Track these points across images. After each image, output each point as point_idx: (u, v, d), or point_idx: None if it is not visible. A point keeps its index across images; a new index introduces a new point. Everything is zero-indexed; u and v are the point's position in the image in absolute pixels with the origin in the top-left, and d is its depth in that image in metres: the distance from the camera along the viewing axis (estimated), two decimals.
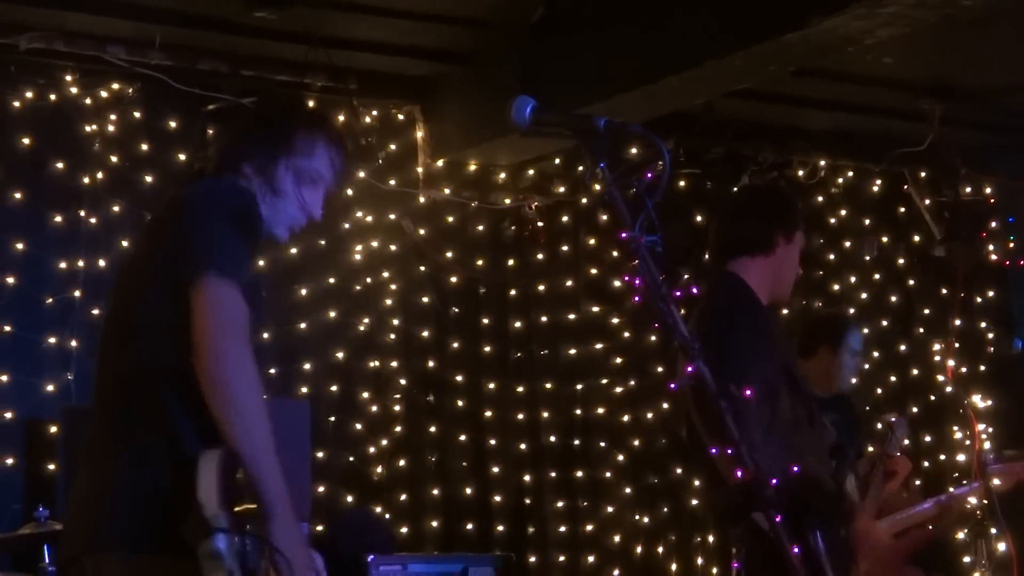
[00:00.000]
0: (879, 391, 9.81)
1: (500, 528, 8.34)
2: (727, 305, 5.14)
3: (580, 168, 8.79)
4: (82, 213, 7.38)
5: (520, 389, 8.62)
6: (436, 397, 8.35)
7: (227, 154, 3.92)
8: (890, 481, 6.30)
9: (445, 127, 8.24)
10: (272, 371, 7.64)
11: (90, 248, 7.37)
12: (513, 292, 8.68)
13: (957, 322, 9.95)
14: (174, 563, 3.29)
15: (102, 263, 7.36)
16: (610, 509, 8.74)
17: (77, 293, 7.29)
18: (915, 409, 9.94)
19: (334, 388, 7.98)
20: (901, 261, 10.12)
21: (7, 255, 7.19)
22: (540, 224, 8.73)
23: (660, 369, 8.91)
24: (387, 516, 7.94)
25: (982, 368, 10.07)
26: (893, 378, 9.85)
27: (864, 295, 9.93)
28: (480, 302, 8.63)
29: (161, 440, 3.46)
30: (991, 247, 10.08)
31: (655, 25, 6.88)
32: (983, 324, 10.15)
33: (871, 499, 6.15)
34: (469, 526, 8.26)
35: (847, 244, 9.91)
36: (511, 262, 8.73)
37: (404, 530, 8.02)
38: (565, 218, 8.93)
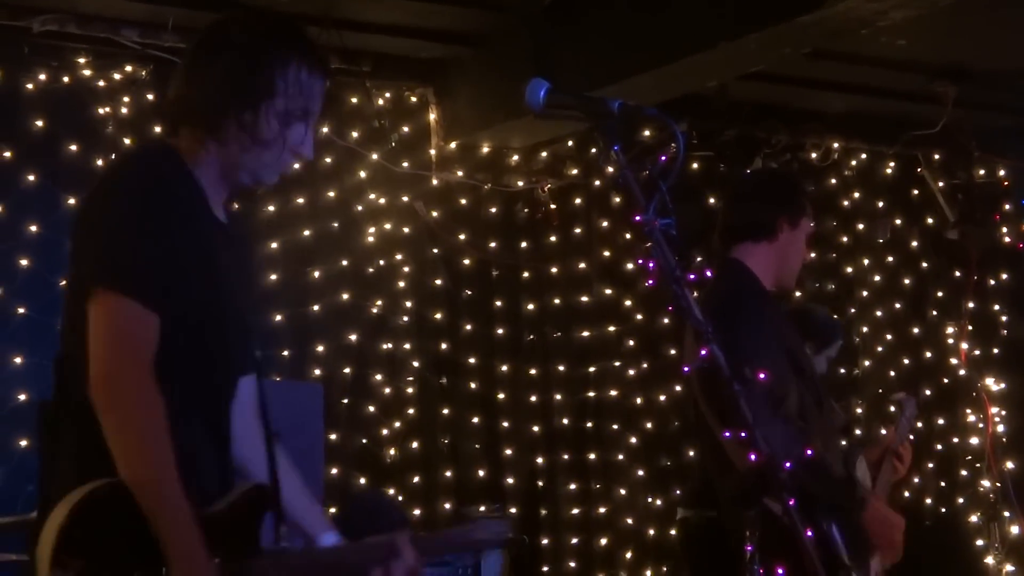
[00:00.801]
0: (892, 374, 9.81)
1: (513, 510, 8.34)
2: (730, 292, 5.14)
3: (593, 150, 8.79)
4: None
5: (533, 371, 8.62)
6: (449, 379, 8.36)
7: (199, 110, 3.39)
8: (898, 466, 6.29)
9: (458, 109, 8.23)
10: (285, 353, 7.65)
11: None
12: (526, 274, 8.68)
13: (970, 305, 9.95)
14: None
15: None
16: (623, 491, 8.75)
17: None
18: (928, 392, 9.93)
19: (347, 370, 7.98)
20: (914, 243, 10.11)
21: (21, 237, 7.18)
22: (553, 206, 8.72)
23: (673, 351, 8.92)
24: (400, 498, 7.94)
25: (995, 351, 10.06)
26: (906, 361, 9.84)
27: (877, 277, 9.92)
28: (493, 284, 8.63)
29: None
30: (1004, 229, 10.06)
31: (668, 7, 6.86)
32: (996, 307, 10.14)
33: (882, 484, 6.15)
34: (482, 508, 8.27)
35: (860, 226, 9.90)
36: (524, 244, 8.73)
37: (417, 512, 8.02)
38: (578, 200, 8.92)
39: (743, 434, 3.11)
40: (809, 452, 4.51)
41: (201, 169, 3.37)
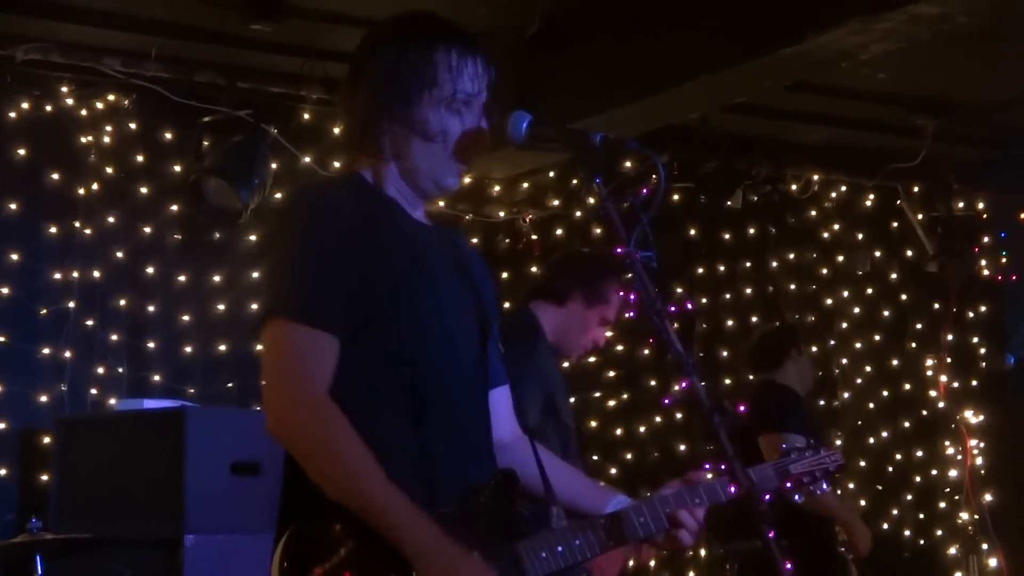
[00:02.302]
0: (871, 405, 9.83)
1: None
2: (512, 327, 5.51)
3: (574, 181, 8.81)
4: (77, 224, 7.38)
5: None
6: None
7: (361, 129, 3.29)
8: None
9: None
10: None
11: (85, 259, 7.37)
12: (507, 305, 8.68)
13: (949, 337, 9.98)
14: None
15: (97, 274, 7.37)
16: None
17: (71, 304, 7.29)
18: (907, 424, 9.96)
19: None
20: (894, 276, 10.14)
21: (2, 265, 7.18)
22: (534, 237, 8.74)
23: (653, 383, 8.93)
24: None
25: (974, 383, 10.08)
26: (885, 393, 9.87)
27: (857, 309, 9.95)
28: None
29: None
30: (983, 262, 10.08)
31: (651, 39, 6.89)
32: (975, 339, 10.16)
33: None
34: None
35: (840, 258, 9.93)
36: (505, 275, 8.73)
37: None
38: (559, 231, 8.94)
39: (723, 466, 3.11)
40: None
41: (389, 184, 3.28)
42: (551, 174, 8.80)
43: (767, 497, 3.13)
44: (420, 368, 3.15)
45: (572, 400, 8.72)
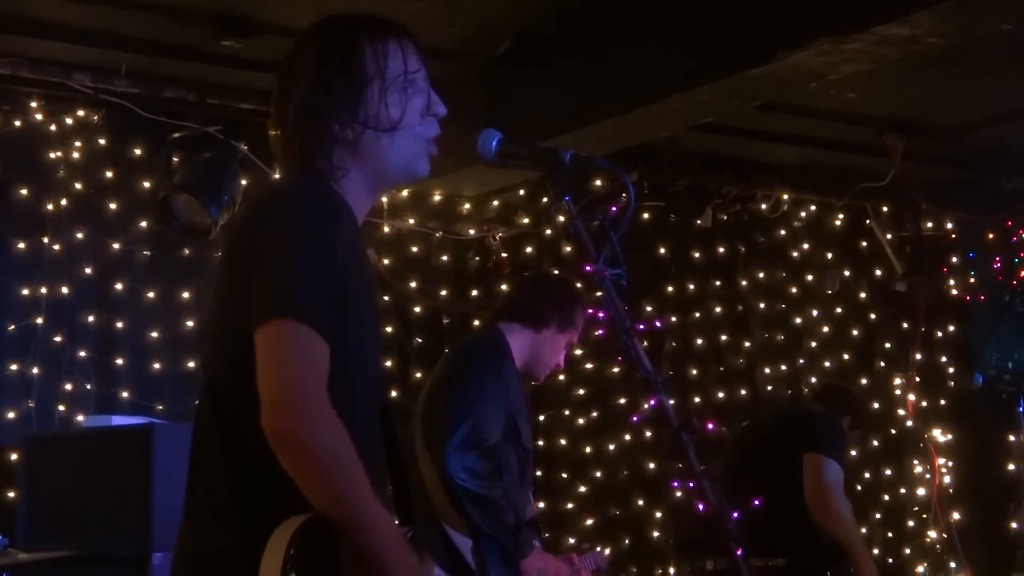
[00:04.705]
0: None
1: None
2: (479, 347, 5.86)
3: (544, 199, 8.82)
4: (45, 240, 7.35)
5: None
6: (399, 428, 8.32)
7: (310, 139, 3.12)
8: None
9: None
10: None
11: (53, 275, 7.34)
12: (477, 323, 8.69)
13: (918, 356, 10.02)
14: None
15: (65, 290, 7.34)
16: (572, 541, 8.74)
17: (39, 320, 7.26)
18: (876, 442, 9.98)
19: None
20: (863, 295, 10.17)
21: None
22: (504, 255, 8.74)
23: (622, 401, 8.93)
24: None
25: (942, 402, 10.12)
26: None
27: (826, 329, 9.98)
28: (444, 333, 8.63)
29: None
30: (952, 282, 10.13)
31: (621, 58, 6.90)
32: (944, 358, 10.21)
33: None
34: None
35: (809, 278, 9.97)
36: (475, 292, 8.74)
37: None
38: (529, 249, 8.95)
39: (691, 483, 3.11)
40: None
41: (349, 196, 3.12)
42: (521, 192, 8.82)
43: (735, 515, 3.13)
44: (359, 386, 3.07)
45: (542, 418, 8.76)
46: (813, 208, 9.90)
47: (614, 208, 3.16)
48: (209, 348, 3.12)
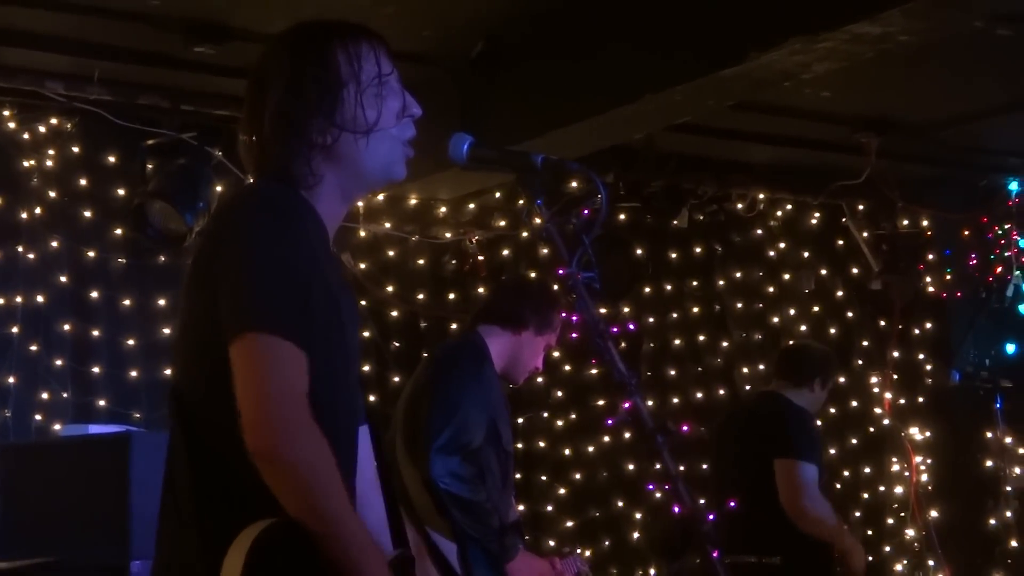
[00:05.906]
0: (819, 423, 9.86)
1: None
2: (458, 349, 5.89)
3: (520, 202, 8.82)
4: (20, 249, 7.33)
5: None
6: (379, 432, 8.31)
7: (281, 126, 3.10)
8: None
9: None
10: None
11: (28, 284, 7.32)
12: (454, 326, 8.68)
13: (895, 354, 10.03)
14: None
15: (40, 299, 7.32)
16: (552, 543, 8.74)
17: (15, 329, 7.24)
18: (854, 441, 10.00)
19: None
20: (839, 293, 10.19)
21: None
22: (480, 258, 8.75)
23: (601, 402, 8.93)
24: None
25: (920, 400, 10.13)
26: (832, 410, 9.89)
27: (803, 327, 9.99)
28: (421, 336, 8.63)
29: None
30: (928, 279, 10.14)
31: (595, 60, 6.90)
32: (920, 356, 10.21)
33: None
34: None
35: (786, 277, 9.98)
36: (452, 296, 8.74)
37: None
38: (506, 252, 8.95)
39: (667, 486, 3.11)
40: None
41: (322, 204, 3.09)
42: (497, 195, 8.81)
43: (710, 517, 3.13)
44: (334, 394, 3.01)
45: (521, 420, 8.76)
46: (789, 207, 9.91)
47: (586, 211, 3.16)
48: (182, 359, 3.09)
